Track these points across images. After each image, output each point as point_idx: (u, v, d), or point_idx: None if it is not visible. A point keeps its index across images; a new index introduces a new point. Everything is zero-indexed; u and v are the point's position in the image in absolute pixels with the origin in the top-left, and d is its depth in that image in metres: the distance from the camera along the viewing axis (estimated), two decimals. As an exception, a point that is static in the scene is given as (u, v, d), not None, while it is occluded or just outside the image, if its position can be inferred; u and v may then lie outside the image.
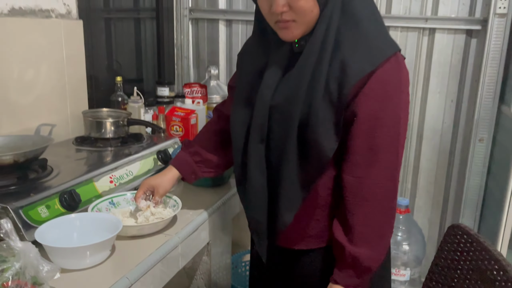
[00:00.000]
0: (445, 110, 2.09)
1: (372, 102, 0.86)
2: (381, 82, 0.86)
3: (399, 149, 0.90)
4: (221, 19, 2.34)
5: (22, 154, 1.10)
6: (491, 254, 0.84)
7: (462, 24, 1.96)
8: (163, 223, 1.10)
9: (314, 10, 0.88)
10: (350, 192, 0.91)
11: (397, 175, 0.92)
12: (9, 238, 0.83)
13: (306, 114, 0.88)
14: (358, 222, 0.90)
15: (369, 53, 0.86)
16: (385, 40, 0.90)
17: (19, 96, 1.43)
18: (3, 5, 1.37)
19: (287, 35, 0.91)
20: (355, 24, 0.88)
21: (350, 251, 0.90)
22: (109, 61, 2.05)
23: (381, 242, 0.92)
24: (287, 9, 0.87)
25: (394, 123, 0.88)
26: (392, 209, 0.93)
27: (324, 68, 0.87)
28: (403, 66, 0.90)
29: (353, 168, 0.90)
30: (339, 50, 0.87)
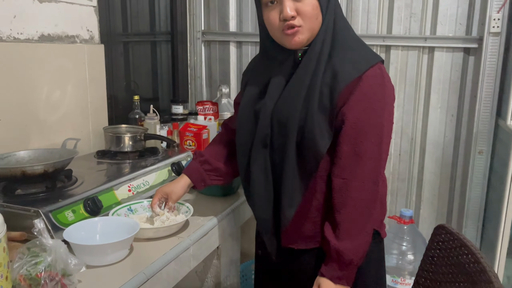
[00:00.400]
0: (446, 124, 2.18)
1: (357, 112, 0.98)
2: (365, 94, 0.98)
3: (382, 155, 1.01)
4: (231, 41, 2.49)
5: (51, 164, 1.23)
6: (469, 249, 0.93)
7: (459, 43, 2.07)
8: (176, 227, 1.22)
9: (319, 17, 1.01)
10: (338, 192, 1.02)
11: (379, 177, 1.03)
12: (41, 236, 0.95)
13: (304, 118, 1.00)
14: (343, 219, 1.01)
15: (356, 62, 0.99)
16: (368, 52, 1.04)
17: (47, 114, 1.57)
18: (34, 32, 1.52)
19: (295, 41, 1.01)
20: (344, 39, 1.03)
21: (334, 245, 1.01)
22: (127, 82, 2.20)
23: (361, 236, 1.02)
24: (295, 13, 0.98)
25: (377, 131, 0.99)
26: (373, 208, 1.03)
27: (319, 77, 1.00)
28: (385, 75, 1.02)
29: (340, 171, 1.01)
30: (331, 60, 1.00)
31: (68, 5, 1.63)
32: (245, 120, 1.13)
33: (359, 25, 2.19)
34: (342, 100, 0.99)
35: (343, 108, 0.99)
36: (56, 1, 1.58)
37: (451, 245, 1.02)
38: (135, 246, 1.13)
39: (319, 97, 0.99)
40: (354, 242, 1.01)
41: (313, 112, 0.99)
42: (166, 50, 2.50)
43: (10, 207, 1.11)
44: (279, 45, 1.06)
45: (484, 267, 0.86)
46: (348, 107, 0.99)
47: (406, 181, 2.30)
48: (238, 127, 1.15)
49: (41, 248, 0.95)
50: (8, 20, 1.42)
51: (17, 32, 1.46)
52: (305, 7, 0.98)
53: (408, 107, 2.22)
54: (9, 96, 1.43)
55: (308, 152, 1.01)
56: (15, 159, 1.34)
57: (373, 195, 1.02)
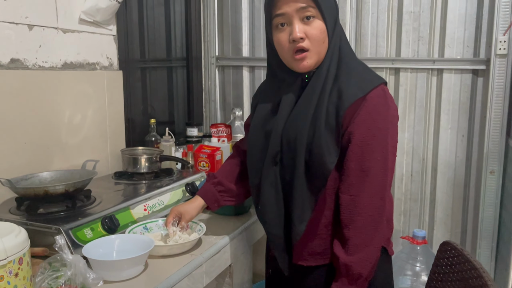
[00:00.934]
0: (457, 145, 2.20)
1: (363, 130, 1.03)
2: (370, 113, 1.03)
3: (387, 172, 1.05)
4: (245, 65, 2.57)
5: (71, 184, 1.30)
6: (472, 264, 0.95)
7: (467, 65, 2.10)
8: (189, 244, 1.26)
9: (325, 42, 1.07)
10: (346, 208, 1.06)
11: (385, 193, 1.06)
12: (62, 251, 1.00)
13: (311, 136, 1.05)
14: (352, 235, 1.04)
15: (361, 83, 1.05)
16: (372, 74, 1.09)
17: (68, 137, 1.66)
18: (58, 60, 1.62)
19: (303, 66, 1.08)
20: (348, 63, 1.09)
21: (343, 260, 1.04)
22: (144, 106, 2.29)
23: (369, 249, 1.05)
24: (304, 36, 1.04)
25: (382, 148, 1.04)
26: (381, 222, 1.06)
27: (326, 97, 1.05)
28: (388, 95, 1.07)
29: (348, 188, 1.05)
30: (337, 82, 1.06)
31: (89, 35, 1.74)
32: (256, 139, 1.18)
33: (368, 49, 2.25)
34: (348, 118, 1.04)
35: (349, 127, 1.04)
36: (78, 31, 1.68)
37: (455, 261, 1.04)
38: (150, 263, 1.18)
39: (326, 116, 1.04)
40: (362, 256, 1.04)
41: (320, 130, 1.04)
42: (182, 75, 2.60)
43: (33, 224, 1.18)
44: (287, 67, 1.12)
45: (486, 281, 0.88)
46: (354, 126, 1.04)
47: (419, 201, 2.31)
48: (249, 146, 1.21)
49: (61, 263, 1.01)
50: (34, 50, 1.52)
51: (42, 61, 1.55)
52: (313, 30, 1.04)
53: (418, 128, 2.25)
54: (33, 120, 1.52)
55: (317, 169, 1.06)
56: (38, 179, 1.41)
57: (380, 210, 1.05)
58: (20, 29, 1.47)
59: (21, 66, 1.48)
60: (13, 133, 1.45)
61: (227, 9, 2.56)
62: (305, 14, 1.04)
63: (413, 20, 2.17)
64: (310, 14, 1.03)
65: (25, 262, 0.91)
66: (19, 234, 0.92)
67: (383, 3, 2.22)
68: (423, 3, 2.15)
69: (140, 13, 2.21)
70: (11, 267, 0.87)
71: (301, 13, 1.04)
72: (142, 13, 2.23)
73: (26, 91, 1.49)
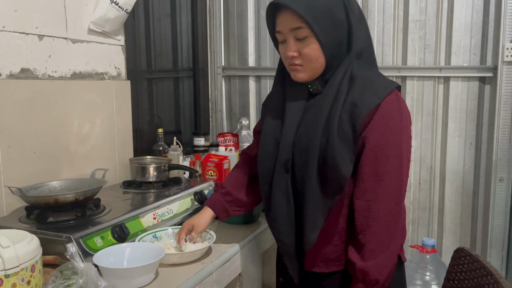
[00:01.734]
0: (465, 153, 2.19)
1: (377, 135, 1.03)
2: (383, 118, 1.03)
3: (402, 176, 1.04)
4: (251, 75, 2.58)
5: (81, 193, 1.30)
6: (488, 270, 0.94)
7: (474, 72, 2.10)
8: (199, 253, 1.25)
9: (320, 59, 1.07)
10: (361, 214, 1.05)
11: (401, 198, 1.05)
12: (73, 259, 1.00)
13: (324, 145, 1.05)
14: (367, 240, 1.03)
15: (377, 89, 1.05)
16: (385, 79, 1.09)
17: (77, 146, 1.66)
18: (67, 70, 1.63)
19: (295, 76, 1.12)
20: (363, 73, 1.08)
21: (360, 266, 1.03)
22: (151, 115, 2.30)
23: (386, 255, 1.04)
24: (297, 54, 1.07)
25: (397, 153, 1.03)
26: (397, 227, 1.05)
27: (339, 106, 1.05)
28: (401, 100, 1.07)
29: (362, 193, 1.05)
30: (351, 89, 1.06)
31: (98, 45, 1.75)
32: (267, 147, 1.18)
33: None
34: (364, 126, 1.04)
35: (363, 132, 1.04)
36: (87, 41, 1.70)
37: (470, 267, 1.03)
38: (160, 271, 1.17)
39: (340, 124, 1.04)
40: (378, 262, 1.03)
41: (333, 139, 1.03)
42: (188, 85, 2.61)
43: (43, 233, 1.17)
44: None
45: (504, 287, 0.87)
46: (368, 131, 1.04)
47: (427, 210, 2.29)
48: (260, 154, 1.20)
49: (73, 271, 1.00)
50: (44, 60, 1.53)
51: (51, 71, 1.57)
52: (305, 49, 1.06)
53: (426, 136, 2.25)
54: (43, 130, 1.52)
55: (332, 177, 1.05)
56: (47, 188, 1.41)
57: (396, 216, 1.04)
58: (30, 39, 1.48)
59: (31, 75, 1.49)
60: (23, 142, 1.46)
61: (233, 20, 2.58)
62: (298, 34, 1.05)
63: (419, 29, 2.18)
64: (303, 34, 1.05)
65: (37, 270, 0.91)
66: (31, 241, 0.92)
67: (388, 12, 2.23)
68: (429, 11, 2.16)
69: (147, 24, 2.23)
70: (23, 275, 0.87)
71: (295, 33, 1.06)
72: (149, 24, 2.25)
73: (36, 101, 1.50)
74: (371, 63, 1.14)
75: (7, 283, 0.84)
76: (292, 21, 1.04)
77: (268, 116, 1.22)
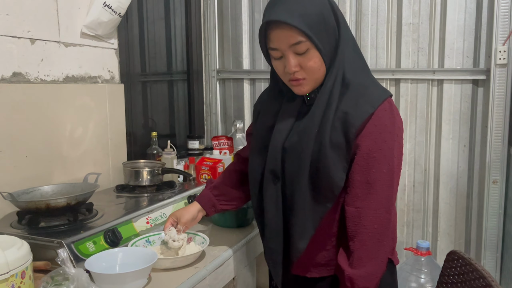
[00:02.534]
0: (459, 155, 2.19)
1: (369, 142, 1.02)
2: (376, 126, 1.02)
3: (393, 184, 1.03)
4: (245, 78, 2.58)
5: (73, 197, 1.29)
6: (480, 273, 0.94)
7: (467, 75, 2.11)
8: (193, 257, 1.25)
9: (321, 68, 1.05)
10: (352, 221, 1.04)
11: (391, 206, 1.04)
12: (65, 265, 0.99)
13: (316, 153, 1.04)
14: (356, 247, 1.03)
15: (370, 97, 1.03)
16: (379, 87, 1.08)
17: (70, 151, 1.65)
18: (59, 74, 1.62)
19: (300, 90, 1.09)
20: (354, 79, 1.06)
21: (348, 273, 1.02)
22: (145, 119, 2.29)
23: (375, 264, 1.03)
24: (298, 69, 1.04)
25: (388, 160, 1.03)
26: (386, 235, 1.04)
27: (331, 115, 1.03)
28: (394, 108, 1.06)
29: (353, 200, 1.04)
30: (343, 97, 1.04)
31: (91, 48, 1.74)
32: (257, 152, 1.18)
33: (369, 60, 2.26)
34: (357, 134, 1.02)
35: (356, 140, 1.03)
36: (80, 45, 1.69)
37: (463, 271, 1.03)
38: (153, 276, 1.16)
39: (332, 132, 1.03)
40: (367, 270, 1.02)
41: (326, 148, 1.02)
42: (183, 88, 2.60)
43: (34, 238, 1.16)
44: None
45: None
46: (360, 139, 1.02)
47: (422, 212, 2.30)
48: (250, 159, 1.20)
49: (64, 276, 0.99)
50: (36, 64, 1.53)
51: (44, 74, 1.56)
52: (307, 62, 1.03)
53: (420, 139, 2.25)
54: (35, 134, 1.51)
55: (324, 186, 1.04)
56: (39, 193, 1.40)
57: (386, 223, 1.03)
58: (22, 43, 1.47)
59: (23, 79, 1.48)
60: (15, 147, 1.45)
61: (227, 23, 2.58)
62: (298, 49, 1.01)
63: (412, 32, 2.19)
64: (304, 49, 1.01)
65: (28, 276, 0.90)
66: (21, 247, 0.91)
67: (382, 15, 2.24)
68: (422, 14, 2.16)
69: (141, 27, 2.23)
70: (13, 281, 0.86)
71: (294, 49, 1.02)
72: (143, 27, 2.25)
73: (28, 105, 1.49)
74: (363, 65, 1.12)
75: (-3, 289, 0.83)
76: (290, 37, 1.00)
77: (260, 120, 1.21)
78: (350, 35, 1.10)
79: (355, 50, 1.10)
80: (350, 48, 1.08)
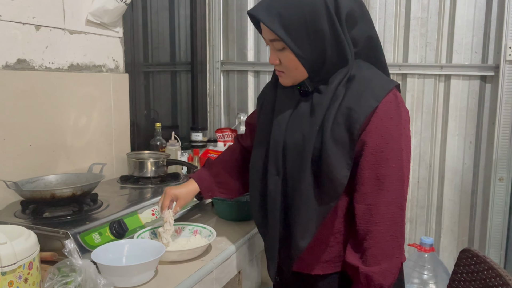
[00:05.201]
0: (464, 151, 2.18)
1: (376, 138, 0.99)
2: (382, 120, 0.99)
3: (404, 179, 1.01)
4: (249, 70, 2.55)
5: (79, 187, 1.27)
6: (496, 272, 0.93)
7: (475, 71, 2.09)
8: (199, 250, 1.23)
9: (299, 68, 1.04)
10: (362, 218, 1.01)
11: (403, 202, 1.02)
12: (71, 256, 0.97)
13: (319, 150, 1.01)
14: (370, 245, 1.00)
15: (373, 90, 1.00)
16: (383, 78, 1.05)
17: (74, 140, 1.62)
18: (64, 62, 1.59)
19: (281, 81, 1.11)
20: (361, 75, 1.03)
21: (363, 271, 1.00)
22: (149, 110, 2.26)
23: (391, 262, 1.01)
24: (278, 62, 1.06)
25: (397, 155, 1.00)
26: (400, 232, 1.02)
27: (334, 109, 1.01)
28: (400, 99, 1.03)
29: (363, 197, 1.01)
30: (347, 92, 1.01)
31: (96, 36, 1.71)
32: (260, 145, 1.16)
33: (375, 54, 2.24)
34: (362, 130, 1.00)
35: (361, 136, 1.00)
36: (85, 33, 1.66)
37: (477, 268, 1.02)
38: (160, 269, 1.14)
39: (335, 128, 1.00)
40: (383, 267, 1.00)
41: (328, 144, 1.00)
42: (186, 79, 2.57)
43: (39, 228, 1.14)
44: None
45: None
46: (366, 134, 1.00)
47: (426, 208, 2.28)
48: (254, 153, 1.18)
49: (71, 268, 0.97)
50: (41, 51, 1.49)
51: (48, 62, 1.53)
52: (283, 59, 1.05)
53: (425, 134, 2.23)
54: (39, 123, 1.49)
55: (327, 184, 1.01)
56: (43, 183, 1.38)
57: (398, 220, 1.01)
58: (27, 29, 1.44)
59: (27, 67, 1.45)
60: (18, 135, 1.42)
61: (232, 14, 2.54)
62: (275, 45, 1.04)
63: (420, 26, 2.16)
64: (279, 46, 1.03)
65: (35, 267, 0.88)
66: (28, 237, 0.89)
67: (390, 9, 2.21)
68: (431, 8, 2.14)
69: (145, 16, 2.19)
70: (20, 272, 0.84)
71: (272, 44, 1.05)
72: (147, 16, 2.21)
73: (32, 93, 1.46)
74: (371, 60, 1.09)
75: (4, 280, 0.81)
76: (268, 33, 1.03)
77: (263, 113, 1.20)
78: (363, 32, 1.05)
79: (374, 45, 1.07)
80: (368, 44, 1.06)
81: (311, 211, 1.04)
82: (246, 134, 1.37)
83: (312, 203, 1.03)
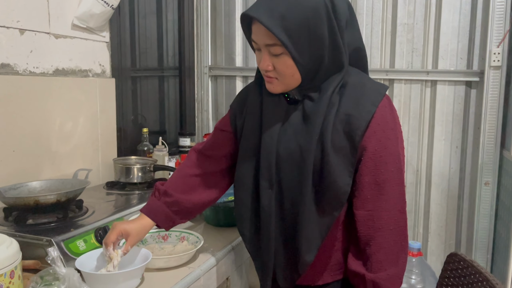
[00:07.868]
0: (451, 156, 2.20)
1: (375, 143, 0.98)
2: (379, 125, 0.98)
3: (403, 182, 1.00)
4: (238, 75, 2.55)
5: (64, 194, 1.25)
6: (483, 276, 0.93)
7: (461, 76, 2.11)
8: (186, 257, 1.21)
9: (295, 75, 0.99)
10: (364, 225, 0.99)
11: (404, 205, 1.00)
12: (55, 264, 0.95)
13: (319, 160, 0.98)
14: (374, 251, 0.98)
15: (369, 95, 0.99)
16: (375, 83, 1.04)
17: (59, 146, 1.60)
18: (49, 66, 1.57)
19: (270, 88, 1.03)
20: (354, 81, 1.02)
21: (370, 278, 0.98)
22: (136, 115, 2.24)
23: (397, 267, 0.99)
24: (271, 68, 0.99)
25: (395, 158, 0.99)
26: (404, 236, 1.00)
27: (332, 118, 0.98)
28: (391, 103, 1.03)
29: (363, 203, 0.99)
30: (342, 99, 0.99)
31: (82, 41, 1.69)
32: (246, 158, 1.10)
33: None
34: (362, 136, 0.98)
35: (361, 142, 0.98)
36: (71, 37, 1.64)
37: (464, 273, 1.02)
38: (146, 276, 1.13)
39: (335, 136, 0.98)
40: (389, 273, 0.98)
41: (329, 154, 0.97)
42: (174, 84, 2.56)
43: (22, 236, 1.12)
44: None
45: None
46: (365, 140, 0.98)
47: (413, 213, 2.29)
48: (240, 164, 1.12)
49: (54, 276, 0.95)
50: (25, 55, 1.47)
51: (33, 66, 1.51)
52: (279, 65, 0.98)
53: (412, 139, 2.25)
54: (23, 127, 1.46)
55: (330, 194, 0.99)
56: (27, 189, 1.35)
57: (401, 224, 0.99)
58: (11, 33, 1.42)
59: (11, 71, 1.43)
60: (1, 141, 1.39)
61: (220, 18, 2.54)
62: (272, 50, 0.97)
63: (407, 32, 2.18)
64: (277, 51, 0.96)
65: (17, 276, 0.86)
66: (10, 245, 0.87)
67: (377, 15, 2.23)
68: (417, 15, 2.16)
69: (132, 21, 2.18)
70: (2, 281, 0.82)
71: (269, 49, 0.97)
72: (135, 21, 2.20)
73: (16, 97, 1.44)
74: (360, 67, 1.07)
75: (-16, 290, 0.79)
76: (266, 37, 0.95)
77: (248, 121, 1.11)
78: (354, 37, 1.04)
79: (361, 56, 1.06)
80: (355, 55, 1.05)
81: (315, 223, 1.00)
82: (218, 142, 1.21)
83: (315, 215, 1.00)
